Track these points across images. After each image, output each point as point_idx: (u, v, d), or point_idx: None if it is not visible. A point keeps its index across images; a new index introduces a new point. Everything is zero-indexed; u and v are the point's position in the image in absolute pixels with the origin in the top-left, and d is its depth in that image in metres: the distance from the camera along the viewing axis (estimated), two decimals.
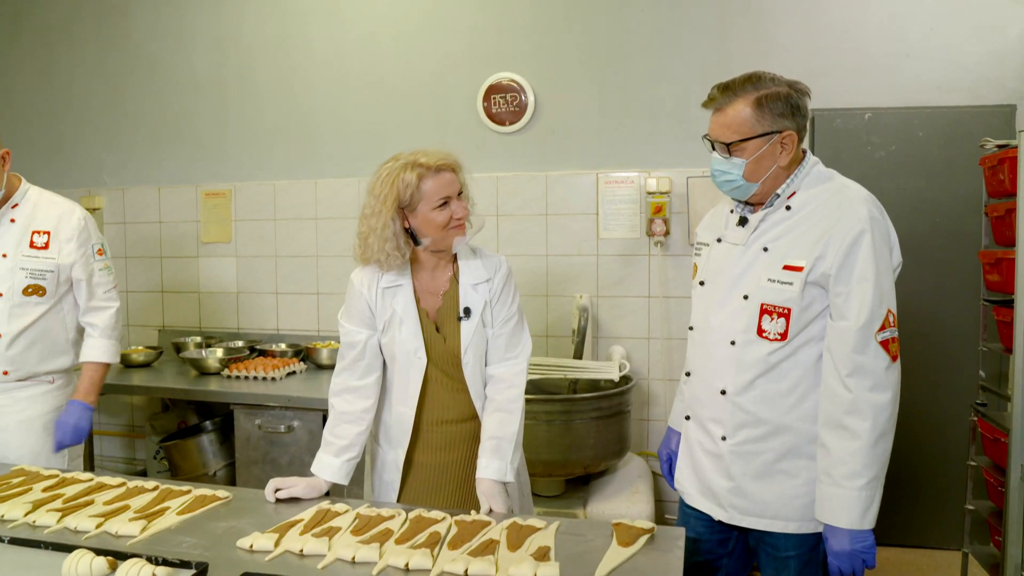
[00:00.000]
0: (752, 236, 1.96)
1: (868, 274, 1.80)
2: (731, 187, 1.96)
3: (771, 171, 1.91)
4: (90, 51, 4.73)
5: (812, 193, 1.92)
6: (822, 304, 1.86)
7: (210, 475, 3.96)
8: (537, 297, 4.10)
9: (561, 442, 3.24)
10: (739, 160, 1.90)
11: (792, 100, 1.90)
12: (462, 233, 2.11)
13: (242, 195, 4.53)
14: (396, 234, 2.07)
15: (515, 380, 2.17)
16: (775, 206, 1.94)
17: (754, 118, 1.87)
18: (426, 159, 2.07)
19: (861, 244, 1.80)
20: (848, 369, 1.80)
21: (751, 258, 1.95)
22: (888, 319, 1.82)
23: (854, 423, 1.80)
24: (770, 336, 1.89)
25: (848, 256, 1.80)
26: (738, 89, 1.90)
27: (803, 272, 1.84)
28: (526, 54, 4.05)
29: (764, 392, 1.92)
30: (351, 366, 2.20)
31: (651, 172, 3.89)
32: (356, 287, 2.19)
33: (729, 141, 1.90)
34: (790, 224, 1.91)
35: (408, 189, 2.04)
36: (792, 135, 1.89)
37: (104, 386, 3.86)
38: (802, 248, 1.86)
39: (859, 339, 1.79)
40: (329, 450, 2.17)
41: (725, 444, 1.97)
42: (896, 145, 3.74)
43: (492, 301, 2.19)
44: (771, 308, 1.88)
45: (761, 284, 1.90)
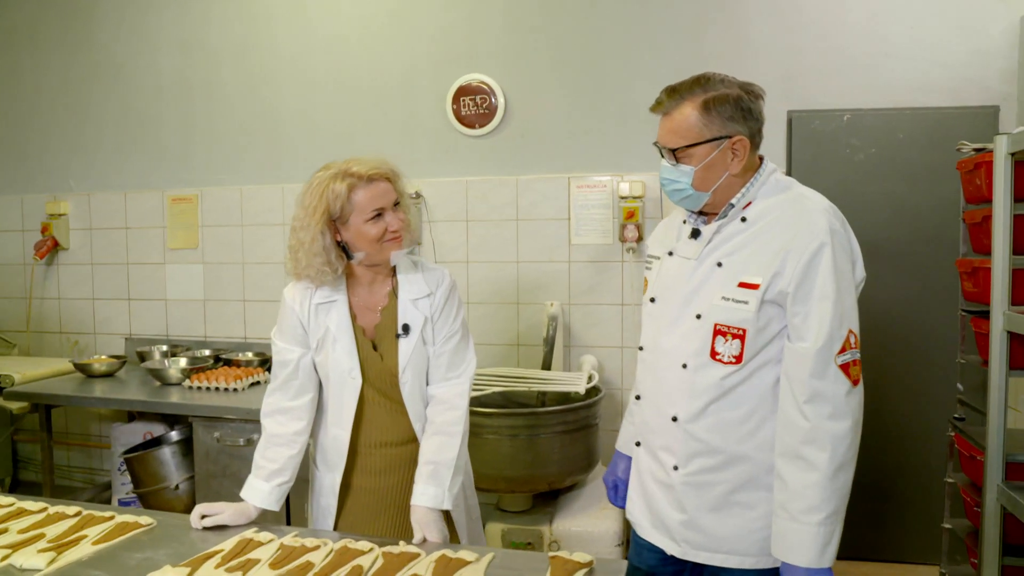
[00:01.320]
0: (705, 250, 1.82)
1: (828, 291, 1.67)
2: (681, 196, 1.83)
3: (723, 179, 1.78)
4: (55, 54, 4.62)
5: (769, 204, 1.79)
6: (780, 324, 1.74)
7: (172, 488, 3.85)
8: (508, 305, 3.99)
9: (525, 457, 3.12)
10: (687, 167, 1.78)
11: (743, 103, 1.76)
12: (398, 246, 1.99)
13: (209, 200, 4.42)
14: (326, 248, 1.95)
15: (456, 401, 2.06)
16: (729, 217, 1.80)
17: (701, 122, 1.74)
18: (358, 168, 1.94)
19: (821, 259, 1.67)
20: (806, 395, 1.67)
21: (704, 274, 1.81)
22: (849, 340, 1.69)
23: (812, 454, 1.67)
24: (724, 359, 1.76)
25: (807, 272, 1.68)
26: (685, 92, 1.77)
27: (759, 290, 1.71)
28: (496, 55, 3.94)
29: (718, 419, 1.78)
30: (283, 386, 2.09)
31: (624, 176, 3.78)
32: (287, 303, 2.08)
33: (676, 147, 1.77)
34: (746, 237, 1.78)
35: (338, 200, 1.92)
36: (743, 140, 1.76)
37: (63, 397, 3.82)
38: (758, 264, 1.73)
39: (817, 362, 1.66)
40: (259, 474, 2.06)
41: (677, 474, 1.83)
42: (876, 148, 3.62)
43: (433, 317, 2.07)
44: (725, 329, 1.75)
45: (715, 302, 1.76)
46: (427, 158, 4.05)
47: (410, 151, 4.06)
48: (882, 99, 3.60)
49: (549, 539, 3.20)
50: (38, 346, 4.80)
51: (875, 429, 3.68)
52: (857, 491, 3.78)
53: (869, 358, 3.62)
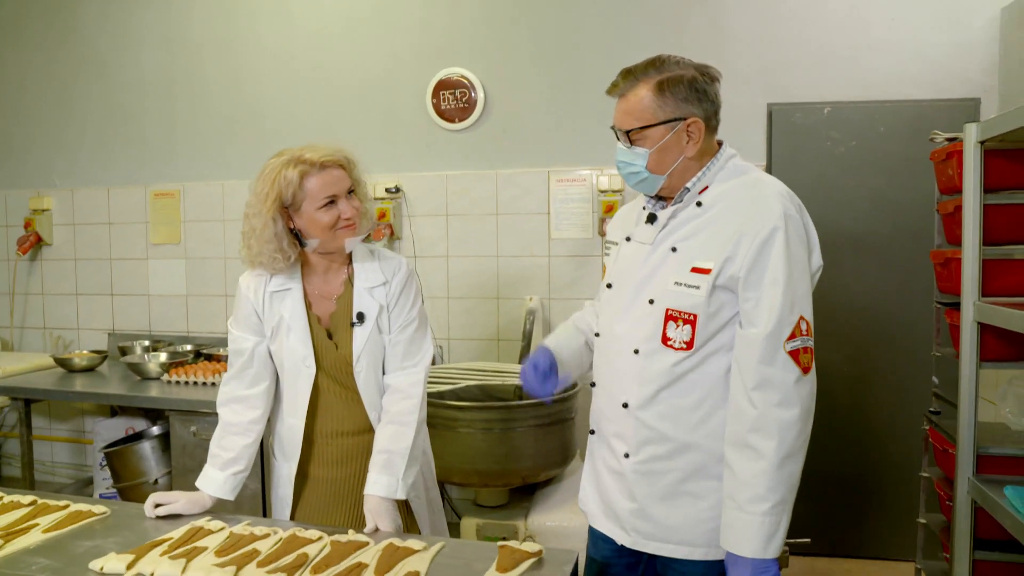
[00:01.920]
0: (660, 235, 1.80)
1: (779, 277, 1.64)
2: (636, 180, 1.80)
3: (678, 163, 1.75)
4: (39, 50, 4.62)
5: (725, 188, 1.76)
6: (732, 310, 1.71)
7: (151, 483, 3.84)
8: (488, 300, 3.97)
9: (498, 451, 3.10)
10: (642, 150, 1.75)
11: (698, 84, 1.73)
12: (352, 234, 1.98)
13: (191, 195, 4.41)
14: (278, 235, 1.93)
15: (411, 391, 2.04)
16: (684, 202, 1.78)
17: (655, 104, 1.71)
18: (311, 154, 1.93)
19: (773, 244, 1.65)
20: (754, 382, 1.65)
21: (659, 259, 1.78)
22: (800, 327, 1.66)
23: (759, 442, 1.64)
24: (675, 345, 1.73)
25: (759, 257, 1.65)
26: (640, 73, 1.74)
27: (711, 275, 1.69)
28: (475, 49, 3.93)
29: (669, 406, 1.76)
30: (239, 375, 2.08)
31: (603, 170, 3.76)
32: (242, 291, 2.06)
33: (630, 128, 1.75)
34: (701, 222, 1.75)
35: (290, 187, 1.90)
36: (698, 122, 1.73)
37: (42, 391, 3.81)
38: (712, 248, 1.71)
39: (766, 348, 1.63)
40: (215, 463, 2.04)
41: (628, 462, 1.81)
42: (857, 140, 3.60)
43: (389, 305, 2.06)
44: (676, 314, 1.72)
45: (667, 287, 1.74)
46: (407, 152, 4.04)
47: (391, 146, 4.05)
48: (863, 92, 3.58)
49: (524, 534, 3.18)
50: (21, 341, 4.79)
51: (854, 423, 3.67)
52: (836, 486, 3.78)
53: (849, 352, 3.64)
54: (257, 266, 2.00)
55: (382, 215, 3.95)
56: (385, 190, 3.98)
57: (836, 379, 3.61)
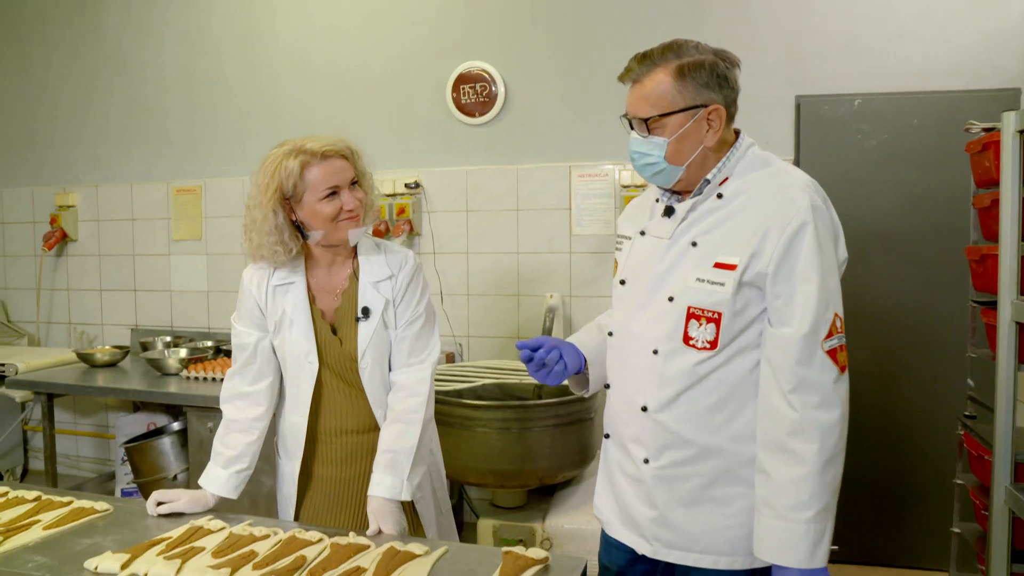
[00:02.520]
0: (679, 229, 1.70)
1: (811, 272, 1.56)
2: (653, 171, 1.70)
3: (698, 153, 1.66)
4: (63, 46, 4.65)
5: (747, 180, 1.67)
6: (759, 307, 1.62)
7: (171, 479, 3.84)
8: (507, 297, 3.91)
9: (514, 451, 3.04)
10: (659, 139, 1.65)
11: (718, 69, 1.65)
12: (354, 225, 1.92)
13: (212, 191, 4.41)
14: (279, 227, 1.89)
15: (417, 388, 1.98)
16: (704, 194, 1.69)
17: (675, 89, 1.62)
18: (313, 144, 1.88)
19: (803, 238, 1.56)
20: (791, 384, 1.55)
21: (677, 254, 1.69)
22: (835, 324, 1.58)
23: (799, 446, 1.55)
24: (698, 344, 1.64)
25: (788, 252, 1.56)
26: (657, 58, 1.65)
27: (736, 271, 1.60)
28: (495, 42, 3.86)
29: (691, 408, 1.66)
30: (241, 370, 2.04)
31: (625, 164, 3.67)
32: (245, 285, 2.02)
33: (647, 116, 1.65)
34: (722, 215, 1.66)
35: (291, 178, 1.86)
36: (720, 110, 1.64)
37: (63, 386, 3.82)
38: (735, 243, 1.62)
39: (803, 349, 1.55)
40: (217, 461, 2.01)
41: (648, 468, 1.71)
42: (888, 133, 3.47)
43: (395, 300, 2.00)
44: (699, 312, 1.63)
45: (688, 284, 1.65)
46: (426, 147, 3.99)
47: (409, 140, 4.00)
48: (894, 83, 3.45)
49: (541, 536, 3.11)
50: (48, 336, 4.83)
51: (883, 425, 3.54)
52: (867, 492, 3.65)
53: (878, 351, 3.51)
54: (259, 259, 1.96)
55: (401, 211, 3.91)
56: (404, 185, 3.94)
57: (864, 378, 3.48)
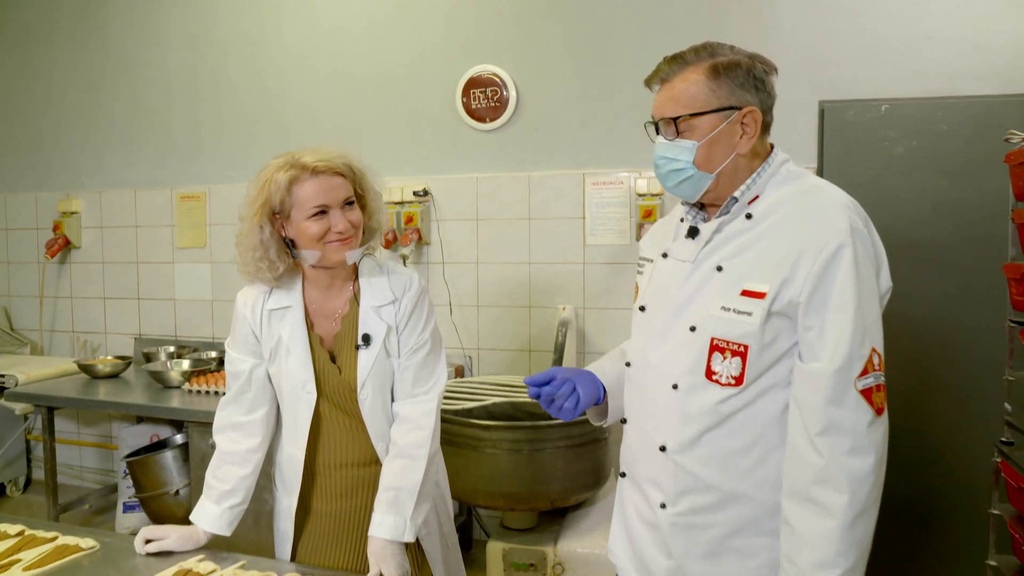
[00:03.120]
0: (704, 251, 1.56)
1: (847, 301, 1.41)
2: (679, 179, 1.55)
3: (730, 160, 1.52)
4: (67, 49, 4.57)
5: (779, 197, 1.53)
6: (789, 340, 1.47)
7: (173, 494, 3.75)
8: (519, 308, 3.78)
9: (525, 473, 2.92)
10: (688, 142, 1.51)
11: (755, 71, 1.52)
12: (345, 249, 1.80)
13: (217, 198, 4.31)
14: (264, 243, 1.77)
15: (422, 421, 1.86)
16: (732, 213, 1.54)
17: (708, 88, 1.49)
18: (307, 158, 1.76)
19: (839, 263, 1.41)
20: (820, 426, 1.41)
21: (701, 279, 1.55)
22: (872, 360, 1.42)
23: (827, 496, 1.40)
24: (722, 380, 1.49)
25: (823, 278, 1.41)
26: (690, 57, 1.52)
27: (765, 299, 1.45)
28: (507, 45, 3.73)
29: (714, 450, 1.51)
30: (236, 399, 1.93)
31: (641, 172, 3.54)
32: (239, 309, 1.91)
33: (677, 115, 1.51)
34: (751, 237, 1.51)
35: (279, 192, 1.74)
36: (755, 112, 1.50)
37: (62, 399, 3.73)
38: (765, 268, 1.47)
39: (835, 386, 1.40)
40: (210, 495, 1.90)
41: (665, 513, 1.57)
42: (917, 140, 3.31)
43: (398, 327, 1.88)
44: (723, 344, 1.48)
45: (712, 313, 1.50)
46: (435, 153, 3.87)
47: (418, 146, 3.89)
48: (923, 87, 3.30)
49: (553, 561, 2.99)
50: (51, 345, 4.75)
51: (912, 447, 3.37)
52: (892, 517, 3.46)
53: (906, 368, 3.35)
54: (245, 275, 1.85)
55: (409, 219, 3.79)
56: (413, 193, 3.82)
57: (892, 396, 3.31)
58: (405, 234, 3.76)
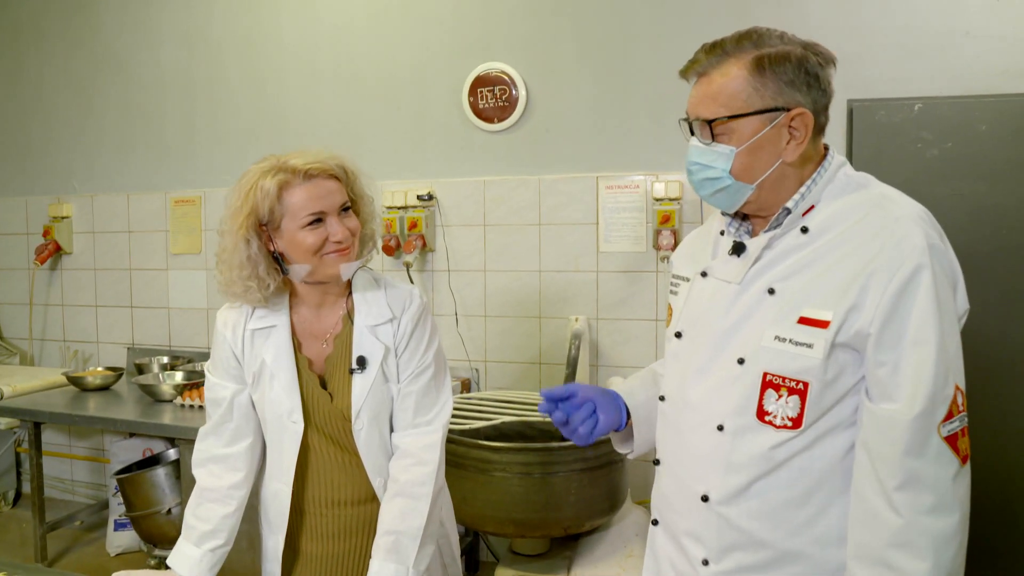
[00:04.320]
0: (752, 271, 1.36)
1: (928, 334, 1.21)
2: (714, 188, 1.36)
3: (773, 169, 1.32)
4: (58, 48, 4.40)
5: (840, 208, 1.32)
6: (855, 376, 1.27)
7: (164, 512, 3.58)
8: (529, 319, 3.59)
9: (537, 499, 2.72)
10: (725, 148, 1.32)
11: (807, 65, 1.31)
12: (344, 260, 1.61)
13: (212, 202, 4.13)
14: (252, 259, 1.60)
15: (425, 455, 1.67)
16: (785, 226, 1.34)
17: (751, 86, 1.29)
18: (297, 161, 1.58)
19: (917, 288, 1.22)
20: (897, 480, 1.21)
21: (750, 304, 1.35)
22: (956, 401, 1.23)
23: (905, 562, 1.21)
24: (776, 421, 1.29)
25: (897, 307, 1.22)
26: (731, 47, 1.32)
27: (829, 329, 1.25)
28: (516, 42, 3.54)
29: (765, 502, 1.32)
30: (216, 429, 1.74)
31: (659, 175, 3.34)
32: (219, 329, 1.74)
33: (713, 118, 1.31)
34: (808, 254, 1.31)
35: (267, 200, 1.56)
36: (806, 115, 1.31)
37: (47, 415, 3.55)
38: (827, 292, 1.27)
39: (915, 434, 1.20)
40: (189, 536, 1.72)
41: (708, 571, 1.37)
42: (952, 142, 3.13)
43: (397, 348, 1.69)
44: (779, 380, 1.29)
45: (764, 344, 1.30)
46: (441, 156, 3.68)
47: (422, 148, 3.70)
48: (960, 85, 3.10)
49: None
50: (41, 354, 4.58)
51: None
52: None
53: None
54: (231, 296, 1.67)
55: (413, 225, 3.60)
56: (417, 197, 3.63)
57: None
58: (409, 240, 3.57)
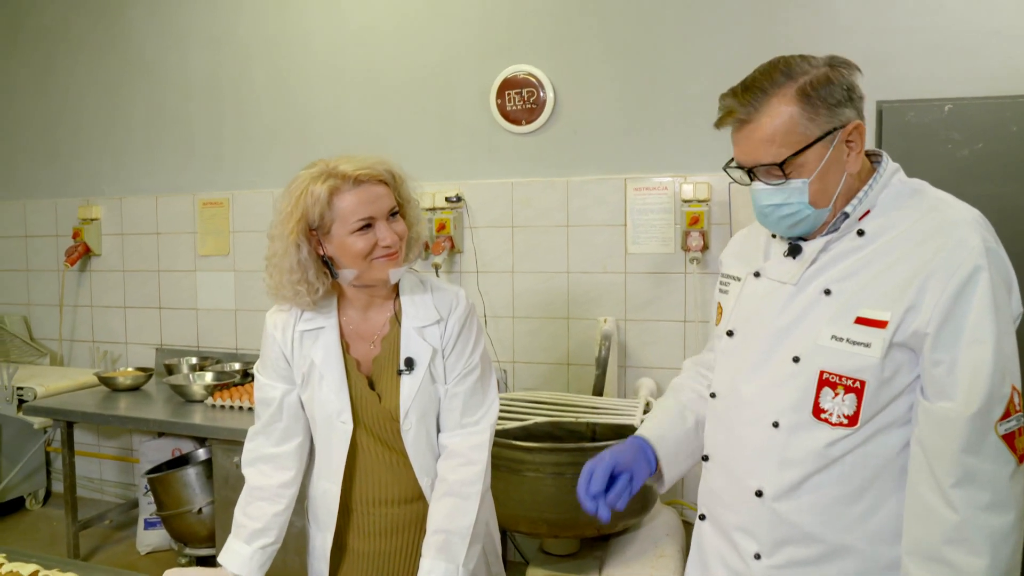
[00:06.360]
0: (808, 272, 1.40)
1: (985, 334, 1.25)
2: (793, 222, 1.39)
3: (843, 184, 1.36)
4: (86, 52, 4.45)
5: (895, 213, 1.37)
6: (911, 374, 1.32)
7: (195, 512, 3.61)
8: (557, 320, 3.60)
9: (569, 499, 2.70)
10: (797, 182, 1.34)
11: (844, 81, 1.35)
12: (392, 264, 1.63)
13: (240, 204, 4.17)
14: (301, 263, 1.61)
15: (474, 455, 1.69)
16: (841, 230, 1.38)
17: (805, 117, 1.32)
18: (346, 167, 1.59)
19: (975, 289, 1.26)
20: (954, 477, 1.25)
21: (806, 304, 1.39)
22: (1013, 401, 1.26)
23: (962, 558, 1.24)
24: (832, 419, 1.34)
25: (955, 306, 1.26)
26: (766, 86, 1.34)
27: (887, 329, 1.29)
28: (543, 44, 3.56)
29: (819, 497, 1.36)
30: (266, 429, 1.76)
31: (687, 177, 3.35)
32: (268, 330, 1.75)
33: (781, 160, 1.33)
34: (864, 257, 1.36)
35: (317, 206, 1.57)
36: (860, 126, 1.36)
37: (80, 414, 3.59)
38: (884, 293, 1.31)
39: (972, 432, 1.24)
40: (239, 534, 1.73)
41: (759, 565, 1.41)
42: (983, 143, 3.11)
43: (444, 350, 1.71)
44: (835, 378, 1.33)
45: (821, 342, 1.35)
46: (468, 158, 3.70)
47: (450, 151, 3.72)
48: (991, 86, 3.10)
49: None
50: (71, 355, 4.63)
51: None
52: None
53: None
54: (280, 299, 1.69)
55: (441, 226, 3.62)
56: (445, 199, 3.65)
57: None
58: (437, 242, 3.60)
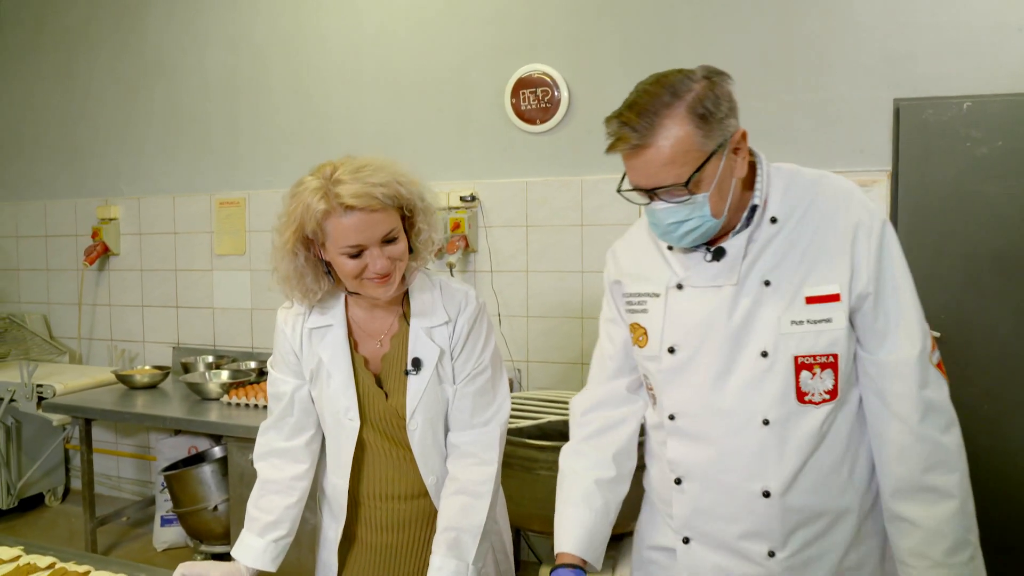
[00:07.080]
0: (744, 269, 1.42)
1: (904, 279, 1.40)
2: (696, 235, 1.40)
3: (734, 189, 1.40)
4: (106, 53, 4.50)
5: (788, 195, 1.44)
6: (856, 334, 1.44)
7: (211, 509, 3.64)
8: (571, 320, 3.60)
9: None
10: (700, 197, 1.36)
11: (724, 92, 1.38)
12: (384, 286, 1.59)
13: (257, 204, 4.20)
14: (299, 270, 1.61)
15: (485, 455, 1.68)
16: (756, 221, 1.42)
17: (700, 134, 1.33)
18: (343, 189, 1.50)
19: (888, 240, 1.40)
20: (919, 412, 1.37)
21: (752, 299, 1.41)
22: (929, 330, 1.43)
23: (941, 479, 1.37)
24: (816, 399, 1.39)
25: (880, 261, 1.39)
26: (656, 107, 1.36)
27: (842, 300, 1.37)
28: (558, 44, 3.56)
29: (817, 476, 1.42)
30: (277, 423, 1.77)
31: None
32: (279, 326, 1.76)
33: (686, 179, 1.33)
34: (784, 241, 1.41)
35: (312, 220, 1.53)
36: (744, 131, 1.40)
37: (98, 411, 3.62)
38: (822, 268, 1.39)
39: (921, 369, 1.38)
40: (252, 528, 1.74)
41: (775, 562, 1.43)
42: (1002, 140, 3.08)
43: (453, 350, 1.70)
44: (810, 360, 1.39)
45: (783, 331, 1.39)
46: (483, 157, 3.70)
47: (464, 149, 3.73)
48: (1010, 83, 3.05)
49: None
50: (89, 353, 4.68)
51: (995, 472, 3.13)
52: None
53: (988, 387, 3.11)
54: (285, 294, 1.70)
55: (456, 226, 3.63)
56: (460, 198, 3.66)
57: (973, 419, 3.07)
58: (451, 241, 3.60)
